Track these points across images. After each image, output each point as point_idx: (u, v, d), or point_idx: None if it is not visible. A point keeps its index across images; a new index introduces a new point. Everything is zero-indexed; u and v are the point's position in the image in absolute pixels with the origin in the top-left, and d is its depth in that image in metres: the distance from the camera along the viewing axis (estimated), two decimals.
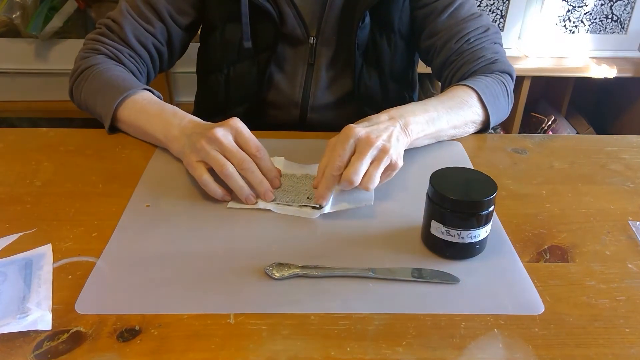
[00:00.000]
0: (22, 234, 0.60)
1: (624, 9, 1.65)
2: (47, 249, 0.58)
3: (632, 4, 1.64)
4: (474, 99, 0.80)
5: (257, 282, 0.54)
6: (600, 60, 1.67)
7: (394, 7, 0.88)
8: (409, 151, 0.72)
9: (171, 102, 1.68)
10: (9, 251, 0.58)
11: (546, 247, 0.61)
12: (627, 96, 1.85)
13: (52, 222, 0.62)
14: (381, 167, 0.62)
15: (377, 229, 0.62)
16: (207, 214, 0.64)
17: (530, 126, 1.89)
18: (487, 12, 1.64)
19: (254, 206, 0.65)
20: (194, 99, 1.04)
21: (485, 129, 0.83)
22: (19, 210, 0.64)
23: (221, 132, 0.65)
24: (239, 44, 0.88)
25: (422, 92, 1.77)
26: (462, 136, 0.82)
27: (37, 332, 0.48)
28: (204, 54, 0.98)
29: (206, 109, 0.99)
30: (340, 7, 0.88)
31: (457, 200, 0.54)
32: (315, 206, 0.65)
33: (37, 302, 0.51)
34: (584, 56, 1.69)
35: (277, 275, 0.54)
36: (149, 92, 0.80)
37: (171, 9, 0.88)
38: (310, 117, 0.94)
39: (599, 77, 1.64)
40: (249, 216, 0.64)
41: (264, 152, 0.67)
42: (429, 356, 0.47)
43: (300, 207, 0.65)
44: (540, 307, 0.52)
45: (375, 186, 0.62)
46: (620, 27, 1.68)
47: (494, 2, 1.64)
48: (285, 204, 0.66)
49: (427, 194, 0.58)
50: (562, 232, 0.63)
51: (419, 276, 0.55)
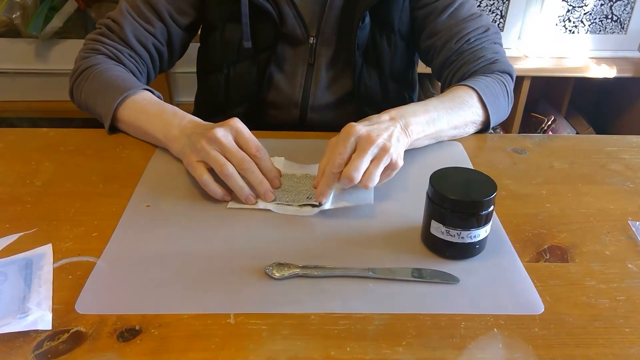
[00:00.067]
0: (22, 234, 0.60)
1: (624, 9, 1.65)
2: (47, 249, 0.58)
3: (632, 4, 1.64)
4: (474, 99, 0.80)
5: (257, 282, 0.54)
6: (600, 60, 1.67)
7: (394, 7, 0.88)
8: (409, 151, 0.72)
9: (171, 102, 1.68)
10: (9, 251, 0.58)
11: (546, 247, 0.61)
12: (627, 96, 1.85)
13: (52, 222, 0.62)
14: (381, 166, 0.63)
15: (377, 229, 0.62)
16: (207, 214, 0.64)
17: (530, 126, 1.89)
18: (487, 12, 1.64)
19: (254, 206, 0.65)
20: (194, 99, 1.04)
21: (485, 129, 0.84)
22: (19, 210, 0.64)
23: (221, 132, 0.65)
24: (238, 44, 0.88)
25: (422, 92, 1.77)
26: (463, 136, 0.82)
27: (37, 332, 0.48)
28: (204, 54, 0.98)
29: (206, 109, 0.99)
30: (340, 7, 0.88)
31: (457, 200, 0.54)
32: (315, 204, 0.65)
33: (37, 302, 0.51)
34: (584, 56, 1.69)
35: (277, 275, 0.55)
36: (149, 92, 0.80)
37: (171, 9, 0.88)
38: (310, 117, 0.95)
39: (599, 77, 1.64)
40: (249, 216, 0.64)
41: (264, 152, 0.67)
42: (429, 356, 0.47)
43: (300, 206, 0.65)
44: (540, 307, 0.52)
45: (374, 184, 0.62)
46: (620, 27, 1.68)
47: (494, 2, 1.64)
48: (285, 204, 0.66)
49: (427, 194, 0.58)
50: (562, 232, 0.63)
51: (419, 276, 0.55)
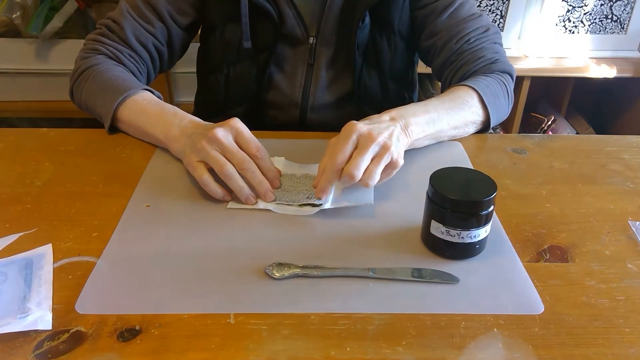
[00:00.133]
0: (22, 234, 0.60)
1: (624, 9, 1.65)
2: (48, 249, 0.58)
3: (632, 4, 1.64)
4: (474, 99, 0.80)
5: (257, 282, 0.54)
6: (600, 60, 1.67)
7: (393, 7, 0.88)
8: (409, 151, 0.72)
9: (171, 102, 1.68)
10: (10, 251, 0.58)
11: (546, 247, 0.61)
12: (626, 96, 1.85)
13: (53, 222, 0.62)
14: (382, 164, 0.62)
15: (377, 229, 0.62)
16: (207, 214, 0.64)
17: (530, 126, 1.89)
18: (487, 12, 1.64)
19: (254, 206, 0.65)
20: (194, 99, 1.04)
21: (485, 129, 0.84)
22: (19, 210, 0.64)
23: (221, 132, 0.65)
24: (238, 44, 0.88)
25: (422, 92, 1.77)
26: (463, 136, 0.82)
27: (37, 332, 0.48)
28: (204, 54, 0.98)
29: (206, 109, 0.99)
30: (340, 7, 0.88)
31: (457, 200, 0.54)
32: (315, 204, 0.65)
33: (37, 302, 0.51)
34: (584, 56, 1.69)
35: (277, 275, 0.55)
36: (149, 92, 0.80)
37: (171, 9, 0.88)
38: (310, 117, 0.95)
39: (599, 77, 1.64)
40: (249, 216, 0.64)
41: (264, 152, 0.67)
42: (429, 356, 0.47)
43: (300, 206, 0.66)
44: (540, 307, 0.52)
45: (375, 183, 0.62)
46: (620, 27, 1.68)
47: (494, 2, 1.64)
48: (285, 204, 0.66)
49: (427, 194, 0.58)
50: (562, 232, 0.63)
51: (419, 276, 0.55)
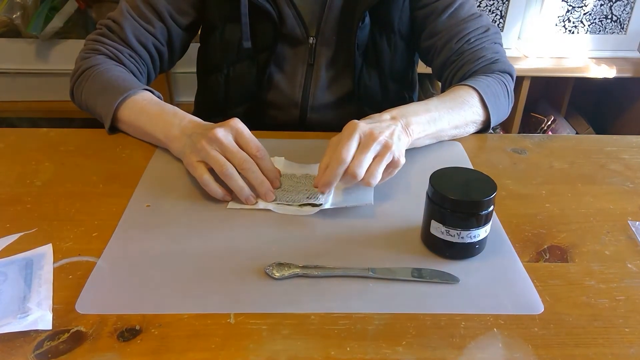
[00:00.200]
0: (22, 234, 0.60)
1: (624, 9, 1.65)
2: (48, 249, 0.58)
3: (632, 4, 1.64)
4: (475, 99, 0.80)
5: (257, 282, 0.54)
6: (599, 60, 1.67)
7: (393, 8, 0.88)
8: (409, 151, 0.72)
9: (171, 102, 1.68)
10: (10, 251, 0.58)
11: (546, 247, 0.61)
12: (626, 96, 1.86)
13: (53, 222, 0.62)
14: (383, 163, 0.62)
15: (377, 229, 0.63)
16: (207, 214, 0.64)
17: (530, 126, 1.89)
18: (487, 12, 1.64)
19: (254, 206, 0.65)
20: (194, 99, 1.04)
21: (485, 128, 0.84)
22: (19, 210, 0.64)
23: (222, 133, 0.65)
24: (238, 44, 0.88)
25: (422, 92, 1.78)
26: (463, 136, 0.82)
27: (37, 331, 0.48)
28: (204, 54, 0.98)
29: (206, 109, 0.99)
30: (339, 7, 0.88)
31: (457, 200, 0.54)
32: (315, 204, 0.65)
33: (37, 302, 0.51)
34: (584, 56, 1.69)
35: (277, 275, 0.55)
36: (149, 93, 0.80)
37: (171, 9, 0.88)
38: (310, 117, 0.95)
39: (599, 77, 1.64)
40: (249, 216, 0.64)
41: (264, 152, 0.67)
42: (429, 356, 0.47)
43: (300, 206, 0.66)
44: (539, 307, 0.52)
45: (377, 181, 0.62)
46: (619, 27, 1.68)
47: (494, 2, 1.64)
48: (285, 204, 0.66)
49: (427, 194, 0.58)
50: (562, 232, 0.63)
51: (419, 276, 0.55)
